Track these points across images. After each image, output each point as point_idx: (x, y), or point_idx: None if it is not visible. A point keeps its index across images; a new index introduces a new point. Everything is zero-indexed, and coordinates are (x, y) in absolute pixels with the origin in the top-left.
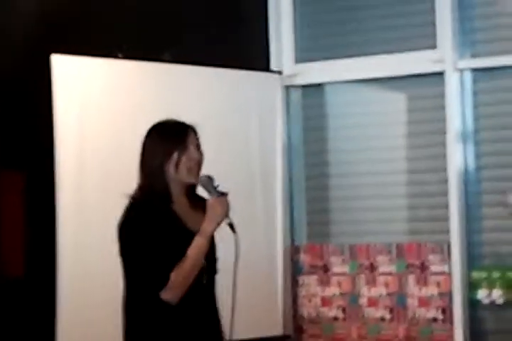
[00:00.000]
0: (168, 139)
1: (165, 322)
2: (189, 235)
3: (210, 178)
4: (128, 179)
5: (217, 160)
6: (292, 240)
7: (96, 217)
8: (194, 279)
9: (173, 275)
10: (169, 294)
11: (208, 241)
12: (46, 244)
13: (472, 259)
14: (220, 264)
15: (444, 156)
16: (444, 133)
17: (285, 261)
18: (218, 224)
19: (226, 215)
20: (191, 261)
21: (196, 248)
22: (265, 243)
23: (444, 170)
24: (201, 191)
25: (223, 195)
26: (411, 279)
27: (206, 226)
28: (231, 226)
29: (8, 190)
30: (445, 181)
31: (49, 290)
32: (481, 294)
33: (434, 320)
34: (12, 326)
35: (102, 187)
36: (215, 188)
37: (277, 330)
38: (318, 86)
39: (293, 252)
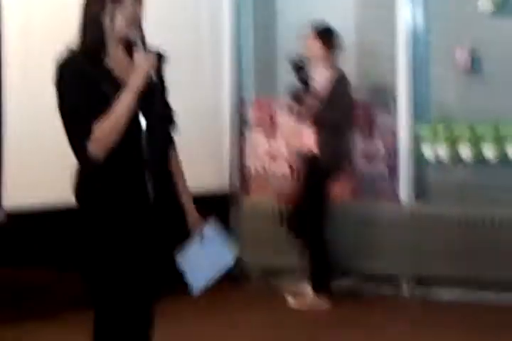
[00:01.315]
0: None
1: (98, 176)
2: (120, 87)
3: (141, 33)
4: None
5: (165, 17)
6: (240, 95)
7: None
8: (130, 134)
9: (96, 127)
10: (93, 146)
11: (134, 95)
12: None
13: (418, 114)
14: None
15: (393, 8)
16: None
17: (232, 115)
18: (143, 79)
19: (150, 70)
20: (116, 114)
21: (122, 101)
22: (213, 98)
23: (393, 22)
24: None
25: (150, 50)
26: (357, 134)
27: (133, 81)
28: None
29: None
30: (393, 35)
31: None
32: (426, 149)
33: (380, 175)
34: None
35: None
36: (144, 44)
37: (224, 184)
38: None
39: (240, 107)
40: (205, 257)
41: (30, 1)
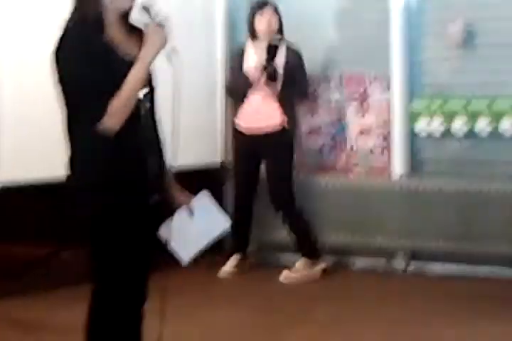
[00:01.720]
0: None
1: (106, 150)
2: (123, 63)
3: (150, 4)
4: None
5: None
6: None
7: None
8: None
9: (113, 103)
10: (109, 122)
11: (147, 69)
12: None
13: (413, 89)
14: (162, 93)
15: None
16: None
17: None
18: (158, 52)
19: (165, 43)
20: (130, 88)
21: (135, 74)
22: (206, 71)
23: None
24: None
25: (162, 22)
26: (352, 108)
27: (145, 53)
28: (174, 52)
29: None
30: (387, 10)
31: None
32: (421, 123)
33: (374, 148)
34: None
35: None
36: (155, 15)
37: (216, 158)
38: None
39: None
40: (194, 227)
41: None
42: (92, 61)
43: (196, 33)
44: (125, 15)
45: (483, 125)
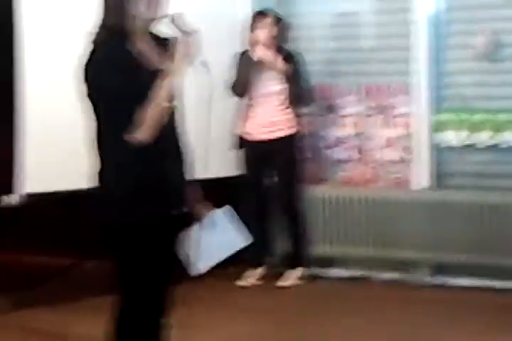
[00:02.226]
0: None
1: (137, 162)
2: (149, 74)
3: (179, 16)
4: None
5: None
6: None
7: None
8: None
9: (145, 115)
10: (142, 133)
11: (176, 81)
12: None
13: (437, 102)
14: (189, 105)
15: None
16: None
17: None
18: (187, 64)
19: (195, 54)
20: (161, 99)
21: (165, 87)
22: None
23: (410, 11)
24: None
25: (192, 34)
26: (376, 120)
27: (175, 66)
28: (204, 64)
29: None
30: (412, 22)
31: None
32: (445, 136)
33: (398, 161)
34: None
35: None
36: (185, 27)
37: (232, 170)
38: None
39: None
40: (213, 240)
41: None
42: (119, 73)
43: (221, 44)
44: (151, 26)
45: (507, 138)
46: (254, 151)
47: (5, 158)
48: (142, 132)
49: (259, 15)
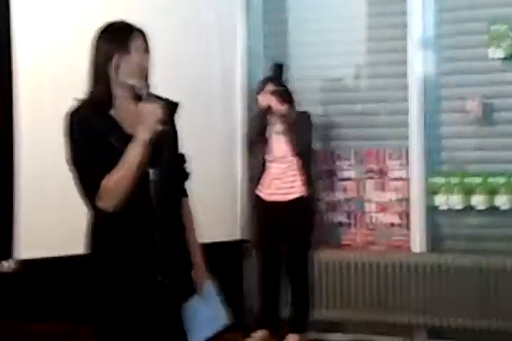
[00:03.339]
0: (111, 40)
1: (108, 229)
2: (128, 139)
3: (146, 84)
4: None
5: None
6: None
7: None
8: (140, 187)
9: (103, 183)
10: (101, 202)
11: (142, 148)
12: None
13: (431, 165)
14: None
15: (404, 62)
16: (405, 38)
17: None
18: (151, 130)
19: (158, 122)
20: (122, 169)
21: (129, 155)
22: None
23: (405, 75)
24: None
25: (155, 100)
26: (370, 184)
27: (138, 133)
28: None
29: None
30: (405, 87)
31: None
32: (439, 200)
33: (393, 225)
34: None
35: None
36: (148, 94)
37: (235, 234)
38: None
39: None
40: (203, 314)
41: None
42: (89, 142)
43: (216, 103)
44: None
45: (502, 200)
46: (267, 211)
47: (2, 223)
48: (103, 199)
49: (263, 81)
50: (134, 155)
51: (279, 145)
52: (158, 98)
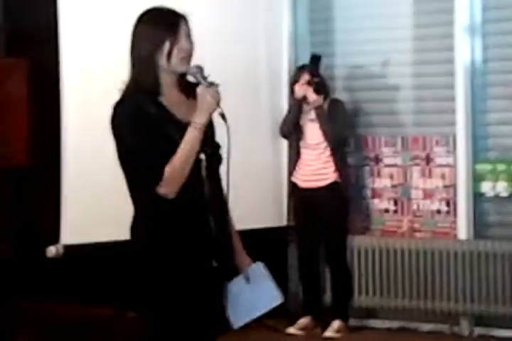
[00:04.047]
0: (160, 27)
1: (165, 216)
2: (181, 127)
3: (199, 68)
4: None
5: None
6: None
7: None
8: (192, 172)
9: (166, 170)
10: (164, 189)
11: (200, 133)
12: (51, 133)
13: (477, 152)
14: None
15: (451, 48)
16: (452, 24)
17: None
18: (209, 115)
19: (217, 105)
20: (184, 154)
21: (188, 140)
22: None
23: (451, 62)
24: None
25: (213, 84)
26: (416, 171)
27: (196, 118)
28: (222, 116)
29: (12, 77)
30: (452, 73)
31: (54, 180)
32: (486, 187)
33: (438, 212)
34: (18, 213)
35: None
36: (205, 78)
37: (281, 221)
38: None
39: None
40: (248, 296)
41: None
42: (144, 130)
43: (262, 89)
44: (184, 78)
45: None
46: (303, 198)
47: (50, 209)
48: (165, 186)
49: (299, 70)
50: (193, 139)
51: (313, 132)
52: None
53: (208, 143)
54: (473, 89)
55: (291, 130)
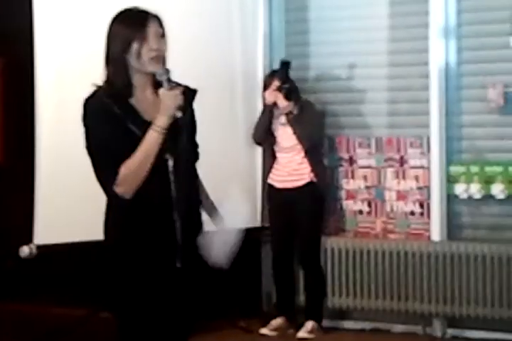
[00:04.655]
0: (129, 27)
1: (129, 215)
2: (147, 126)
3: (166, 70)
4: None
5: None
6: None
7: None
8: (158, 173)
9: (122, 169)
10: (120, 188)
11: (160, 135)
12: (25, 132)
13: (451, 154)
14: None
15: (426, 50)
16: (427, 26)
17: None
18: (169, 118)
19: (178, 109)
20: (141, 155)
21: (147, 141)
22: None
23: (426, 64)
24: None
25: (176, 87)
26: (390, 173)
27: (157, 120)
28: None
29: None
30: (426, 75)
31: (27, 179)
32: (459, 188)
33: (412, 213)
34: None
35: (82, 80)
36: (170, 81)
37: (255, 222)
38: None
39: None
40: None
41: (64, 45)
42: (107, 130)
43: (237, 91)
44: (156, 81)
45: None
46: (279, 199)
47: (23, 209)
48: (120, 186)
49: (269, 76)
50: (151, 141)
51: (285, 136)
52: (178, 84)
53: (178, 144)
54: (448, 91)
55: (263, 136)
